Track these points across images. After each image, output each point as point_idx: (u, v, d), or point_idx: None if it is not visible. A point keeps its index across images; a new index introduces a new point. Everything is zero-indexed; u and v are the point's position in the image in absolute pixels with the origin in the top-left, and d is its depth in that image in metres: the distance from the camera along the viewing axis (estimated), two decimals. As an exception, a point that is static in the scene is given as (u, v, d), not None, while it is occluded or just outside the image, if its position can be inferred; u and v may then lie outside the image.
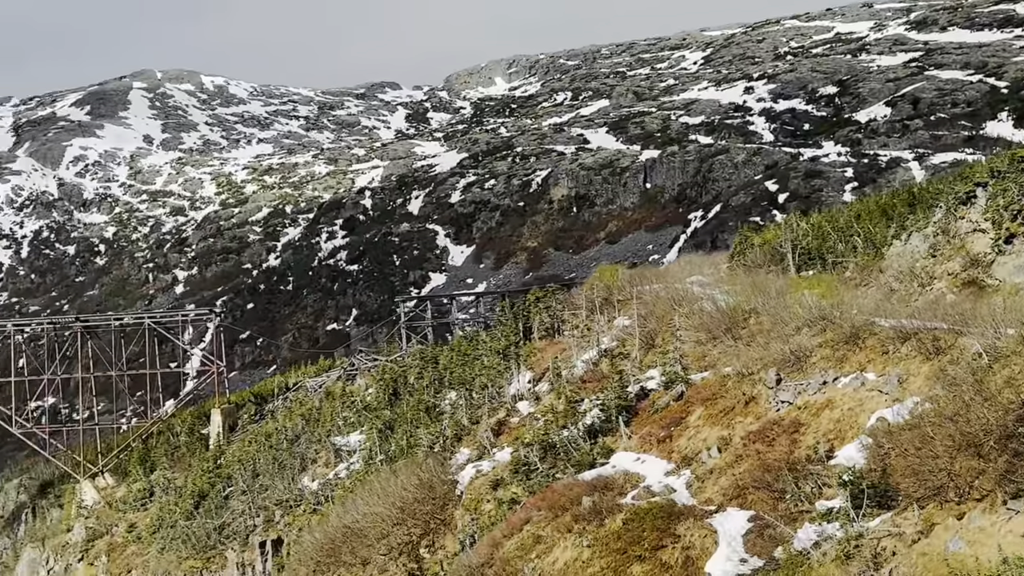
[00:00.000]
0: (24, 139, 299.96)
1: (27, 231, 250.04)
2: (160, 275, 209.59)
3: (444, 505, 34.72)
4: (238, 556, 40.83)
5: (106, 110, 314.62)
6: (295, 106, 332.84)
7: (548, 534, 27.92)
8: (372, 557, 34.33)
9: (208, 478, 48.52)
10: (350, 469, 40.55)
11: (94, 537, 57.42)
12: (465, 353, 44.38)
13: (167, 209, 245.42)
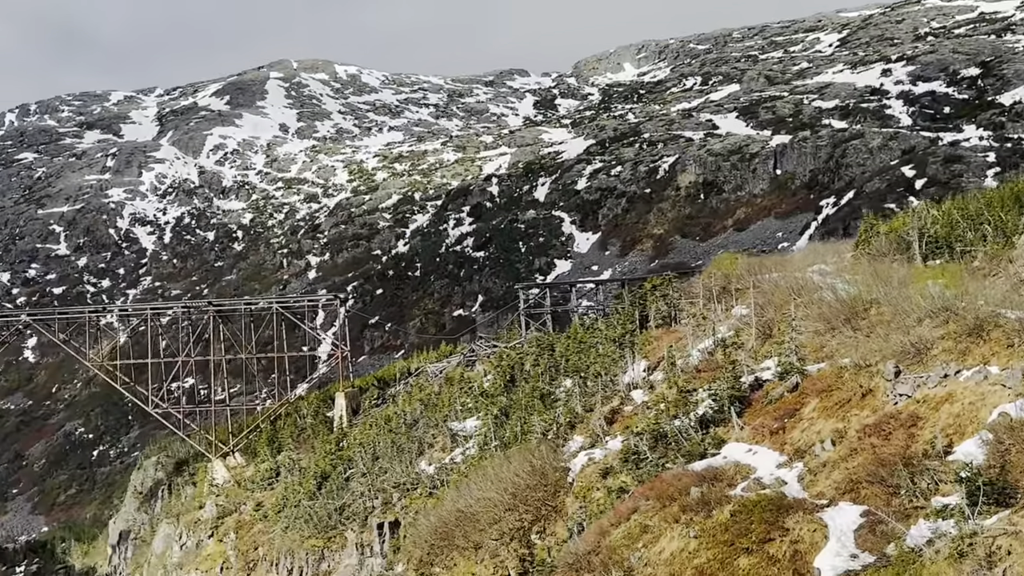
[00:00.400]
0: (167, 128, 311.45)
1: (169, 217, 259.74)
2: (294, 260, 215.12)
3: (556, 492, 34.76)
4: (357, 536, 41.70)
5: (244, 100, 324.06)
6: (425, 94, 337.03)
7: (655, 524, 27.72)
8: (484, 542, 34.63)
9: (330, 460, 49.67)
10: (465, 454, 40.97)
11: (224, 514, 59.47)
12: (581, 341, 44.33)
13: (301, 196, 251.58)
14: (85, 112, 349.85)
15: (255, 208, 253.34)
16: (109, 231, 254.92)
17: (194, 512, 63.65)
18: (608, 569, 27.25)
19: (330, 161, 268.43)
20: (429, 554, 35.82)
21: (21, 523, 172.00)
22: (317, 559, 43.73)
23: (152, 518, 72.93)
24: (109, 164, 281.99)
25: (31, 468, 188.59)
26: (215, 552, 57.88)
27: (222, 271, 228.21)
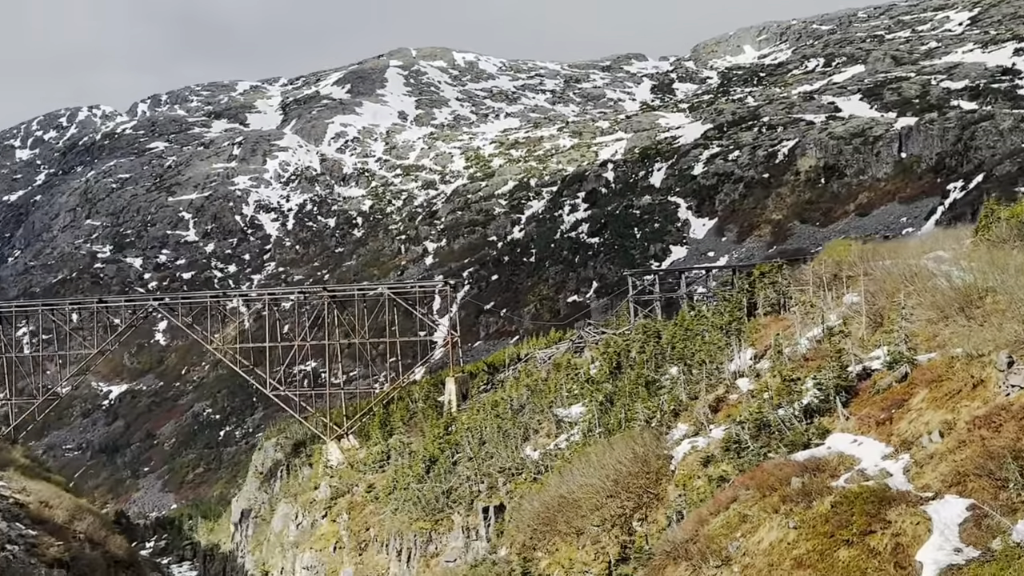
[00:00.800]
0: (291, 117, 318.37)
1: (292, 204, 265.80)
2: (411, 247, 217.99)
3: (658, 480, 34.66)
4: (463, 520, 42.23)
5: (364, 88, 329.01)
6: (542, 80, 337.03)
7: (754, 513, 27.43)
8: (586, 528, 34.74)
9: (439, 444, 50.32)
10: (570, 440, 41.09)
11: (337, 495, 60.84)
12: (688, 328, 43.95)
13: (419, 183, 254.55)
14: (213, 102, 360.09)
15: (374, 195, 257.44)
16: (235, 218, 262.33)
17: (310, 492, 65.31)
18: (705, 558, 27.10)
19: (447, 148, 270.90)
20: (532, 538, 36.08)
21: (152, 500, 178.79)
22: (425, 541, 44.44)
23: (271, 498, 75.06)
24: (235, 153, 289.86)
25: (162, 447, 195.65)
26: (328, 532, 59.35)
27: (342, 257, 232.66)
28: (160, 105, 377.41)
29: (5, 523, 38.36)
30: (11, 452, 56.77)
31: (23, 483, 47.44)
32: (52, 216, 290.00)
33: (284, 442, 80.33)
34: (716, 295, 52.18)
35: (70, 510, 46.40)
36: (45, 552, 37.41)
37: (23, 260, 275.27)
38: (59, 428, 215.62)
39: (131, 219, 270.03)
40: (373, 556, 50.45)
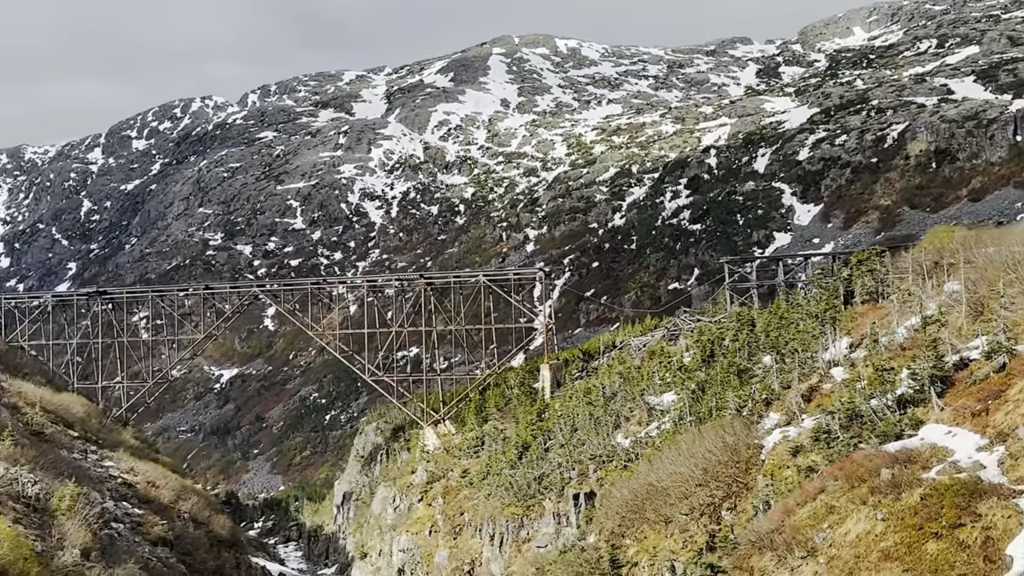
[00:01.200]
0: (395, 106, 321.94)
1: (396, 192, 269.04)
2: (513, 234, 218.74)
3: (748, 469, 34.40)
4: (554, 506, 42.51)
5: (467, 76, 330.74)
6: (645, 66, 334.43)
7: (842, 504, 27.07)
8: (674, 516, 34.68)
9: (531, 430, 50.64)
10: (660, 428, 40.98)
11: (433, 480, 61.63)
12: (782, 316, 43.41)
13: (521, 170, 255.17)
14: (320, 92, 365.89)
15: (476, 182, 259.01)
16: (341, 206, 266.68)
17: (407, 476, 66.29)
18: (791, 548, 26.86)
19: (549, 135, 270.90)
20: (620, 526, 36.16)
21: (261, 481, 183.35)
22: (517, 526, 44.82)
23: (371, 481, 76.42)
24: (341, 141, 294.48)
25: (270, 430, 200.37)
26: (424, 515, 60.19)
27: (445, 244, 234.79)
28: (269, 95, 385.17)
29: (112, 502, 39.96)
30: (122, 434, 58.93)
31: (132, 463, 49.27)
32: (166, 205, 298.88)
33: (384, 427, 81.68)
34: (811, 283, 51.31)
35: (176, 490, 48.04)
36: (150, 531, 38.86)
37: (139, 248, 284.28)
38: (173, 410, 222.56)
39: (241, 207, 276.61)
40: (467, 540, 51.10)
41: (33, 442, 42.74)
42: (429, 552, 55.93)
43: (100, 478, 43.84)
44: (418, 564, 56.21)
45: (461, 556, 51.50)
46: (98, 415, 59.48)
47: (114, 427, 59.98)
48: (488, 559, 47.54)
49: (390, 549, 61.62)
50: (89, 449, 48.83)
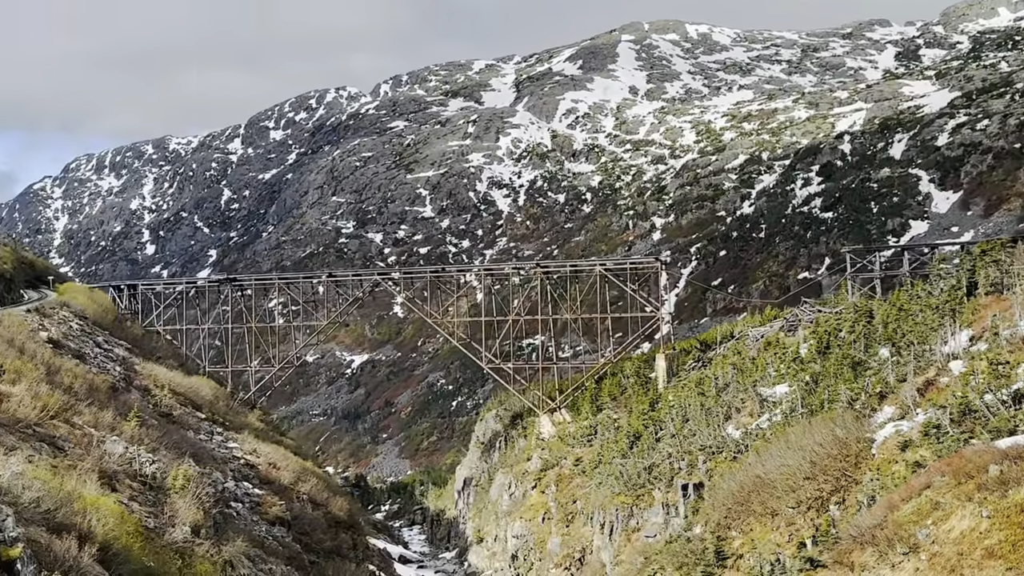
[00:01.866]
0: (523, 94, 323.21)
1: (524, 180, 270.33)
2: (639, 222, 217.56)
3: (857, 463, 33.74)
4: (663, 496, 42.39)
5: (596, 63, 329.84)
6: (777, 50, 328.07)
7: (947, 501, 26.40)
8: (780, 509, 34.30)
9: (643, 420, 50.53)
10: (771, 420, 40.44)
11: (547, 467, 62.05)
12: (901, 308, 42.31)
13: (648, 158, 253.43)
14: (450, 81, 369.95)
15: (604, 171, 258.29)
16: (469, 194, 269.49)
17: (523, 464, 66.85)
18: (892, 544, 26.34)
19: (678, 122, 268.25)
20: (726, 517, 35.94)
21: (390, 465, 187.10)
22: (626, 516, 44.84)
23: (490, 467, 77.30)
24: (470, 131, 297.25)
25: (399, 415, 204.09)
26: (538, 502, 60.68)
27: (571, 232, 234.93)
28: (401, 85, 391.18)
29: (233, 482, 41.51)
30: (248, 416, 61.04)
31: (255, 445, 51.05)
32: (301, 193, 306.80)
33: (503, 414, 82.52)
34: (933, 273, 49.76)
35: (296, 472, 49.60)
36: (268, 510, 40.22)
37: (275, 235, 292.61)
38: (307, 394, 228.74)
39: (372, 196, 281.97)
40: (579, 528, 51.40)
41: (161, 423, 44.69)
42: (542, 539, 56.43)
43: (224, 459, 45.56)
44: (531, 550, 56.80)
45: (572, 544, 51.86)
46: (226, 398, 61.80)
47: (241, 410, 62.19)
48: (598, 547, 47.75)
49: (505, 535, 62.43)
50: (215, 431, 50.77)
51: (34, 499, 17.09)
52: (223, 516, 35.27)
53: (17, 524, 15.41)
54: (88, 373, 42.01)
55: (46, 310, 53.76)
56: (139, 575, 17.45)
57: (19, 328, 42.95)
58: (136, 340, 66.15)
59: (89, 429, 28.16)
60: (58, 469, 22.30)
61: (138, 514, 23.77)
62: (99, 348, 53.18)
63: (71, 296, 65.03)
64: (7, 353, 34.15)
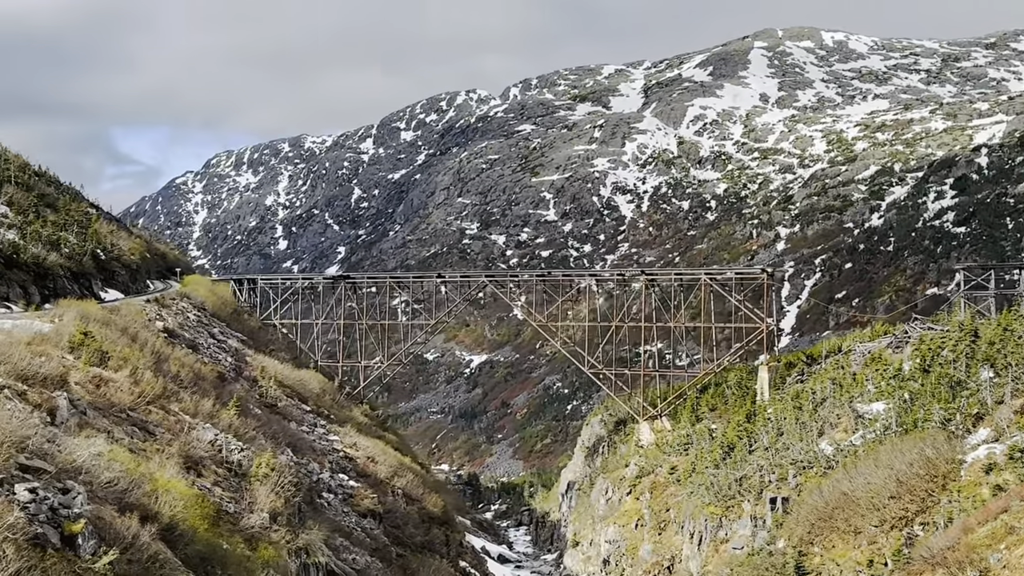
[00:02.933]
0: (651, 100, 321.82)
1: (648, 187, 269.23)
2: (763, 232, 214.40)
3: (945, 484, 33.15)
4: (752, 508, 42.12)
5: (726, 70, 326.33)
6: (916, 59, 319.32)
7: (1023, 526, 25.86)
8: (864, 527, 33.91)
9: (738, 431, 50.19)
10: (865, 437, 39.85)
11: (642, 474, 62.00)
12: (1006, 328, 41.14)
13: (776, 167, 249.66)
14: (579, 86, 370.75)
15: (729, 178, 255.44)
16: (593, 199, 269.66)
17: (621, 469, 66.94)
18: (963, 567, 25.95)
19: (808, 131, 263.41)
20: (809, 533, 35.67)
21: (504, 466, 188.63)
22: (715, 526, 44.65)
23: (593, 472, 77.56)
24: (596, 135, 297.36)
25: (514, 416, 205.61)
26: (632, 509, 60.69)
27: (694, 240, 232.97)
28: (530, 89, 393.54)
29: (329, 473, 42.86)
30: (353, 411, 62.67)
31: (356, 439, 52.48)
32: (428, 194, 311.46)
33: (608, 419, 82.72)
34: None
35: (393, 467, 50.85)
36: (359, 503, 41.43)
37: (402, 234, 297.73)
38: (425, 392, 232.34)
39: (497, 198, 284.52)
40: (670, 537, 51.31)
41: (264, 413, 46.43)
42: (634, 545, 56.47)
43: (323, 450, 47.02)
44: (623, 556, 56.87)
45: (663, 551, 51.81)
46: (333, 392, 63.61)
47: (346, 404, 63.82)
48: (687, 556, 47.66)
49: (599, 539, 62.67)
50: (318, 423, 52.35)
51: (109, 479, 18.28)
52: (312, 506, 36.58)
53: (88, 502, 16.64)
54: (197, 362, 43.91)
55: (166, 300, 56.22)
56: (203, 555, 18.50)
57: (136, 317, 45.14)
58: (252, 332, 68.57)
59: (184, 416, 29.63)
60: (145, 452, 23.69)
61: (219, 499, 25.03)
62: (213, 339, 55.42)
63: (193, 288, 67.82)
64: (118, 341, 36.00)
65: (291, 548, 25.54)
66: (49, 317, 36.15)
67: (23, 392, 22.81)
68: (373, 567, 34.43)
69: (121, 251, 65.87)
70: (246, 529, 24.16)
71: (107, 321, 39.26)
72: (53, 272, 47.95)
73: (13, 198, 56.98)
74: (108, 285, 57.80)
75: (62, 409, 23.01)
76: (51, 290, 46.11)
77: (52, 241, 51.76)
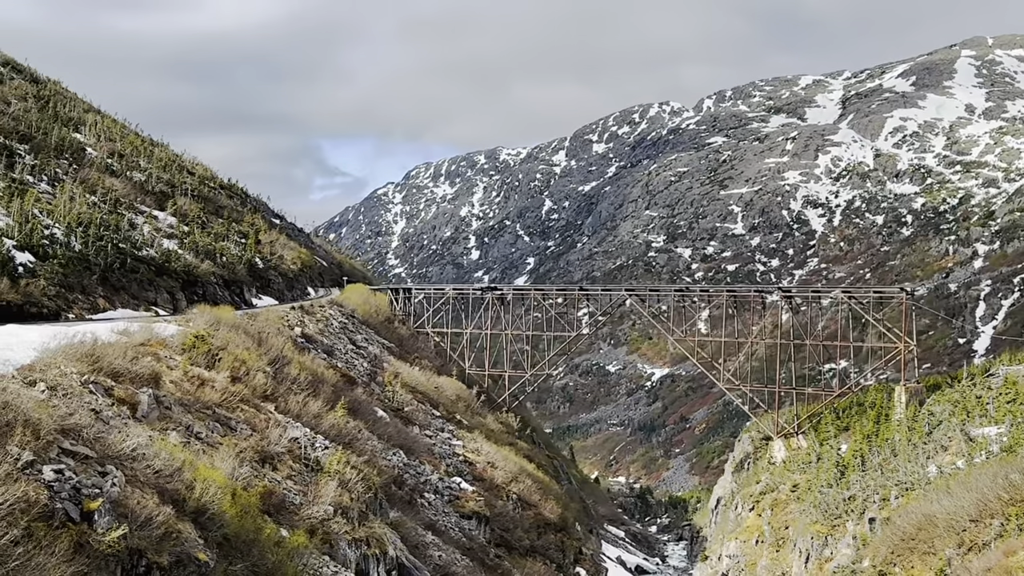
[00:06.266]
0: (848, 111, 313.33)
1: (841, 200, 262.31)
2: (960, 248, 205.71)
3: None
4: (854, 528, 41.77)
5: (930, 80, 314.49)
6: None
7: (1064, 555, 25.42)
8: (941, 549, 33.65)
9: (856, 451, 49.55)
10: (970, 461, 39.05)
11: (766, 491, 61.65)
12: None
13: (979, 180, 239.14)
14: (774, 97, 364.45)
15: (928, 192, 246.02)
16: (782, 212, 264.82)
17: (752, 486, 66.67)
18: (995, 591, 25.80)
19: (1017, 143, 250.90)
20: (892, 553, 35.54)
21: (679, 480, 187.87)
22: (821, 544, 44.38)
23: (736, 488, 77.35)
24: (788, 148, 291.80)
25: (693, 431, 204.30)
26: (753, 525, 60.40)
27: (887, 256, 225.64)
28: (724, 101, 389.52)
29: (439, 476, 45.15)
30: (485, 418, 64.98)
31: (480, 444, 54.68)
32: (617, 206, 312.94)
33: (755, 436, 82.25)
34: None
35: (512, 473, 52.75)
36: (464, 504, 43.53)
37: (588, 246, 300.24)
38: (606, 404, 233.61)
39: (684, 211, 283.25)
40: (787, 554, 51.06)
41: (391, 417, 49.23)
42: (753, 561, 56.33)
43: (442, 454, 49.39)
44: (742, 571, 56.79)
45: (776, 568, 51.66)
46: (469, 399, 66.04)
47: (481, 411, 66.19)
48: (794, 574, 47.55)
49: (724, 554, 62.65)
50: (446, 428, 54.84)
51: (154, 467, 20.86)
52: (410, 504, 38.90)
53: (126, 485, 19.25)
54: (325, 367, 47.07)
55: (313, 308, 60.02)
56: (229, 537, 20.90)
57: (273, 323, 48.75)
58: (401, 340, 71.96)
59: (277, 415, 32.41)
60: (214, 446, 26.39)
61: (286, 490, 27.53)
62: (353, 344, 58.85)
63: (347, 296, 71.79)
64: (241, 344, 39.27)
65: (350, 539, 27.76)
66: (180, 321, 39.77)
67: (110, 388, 25.86)
68: (458, 565, 36.35)
69: (282, 260, 70.55)
70: (306, 519, 26.51)
71: (239, 326, 42.71)
72: (204, 279, 52.23)
73: (182, 209, 62.20)
74: (264, 292, 62.17)
75: (143, 404, 25.94)
76: (200, 296, 50.25)
77: (208, 251, 56.31)
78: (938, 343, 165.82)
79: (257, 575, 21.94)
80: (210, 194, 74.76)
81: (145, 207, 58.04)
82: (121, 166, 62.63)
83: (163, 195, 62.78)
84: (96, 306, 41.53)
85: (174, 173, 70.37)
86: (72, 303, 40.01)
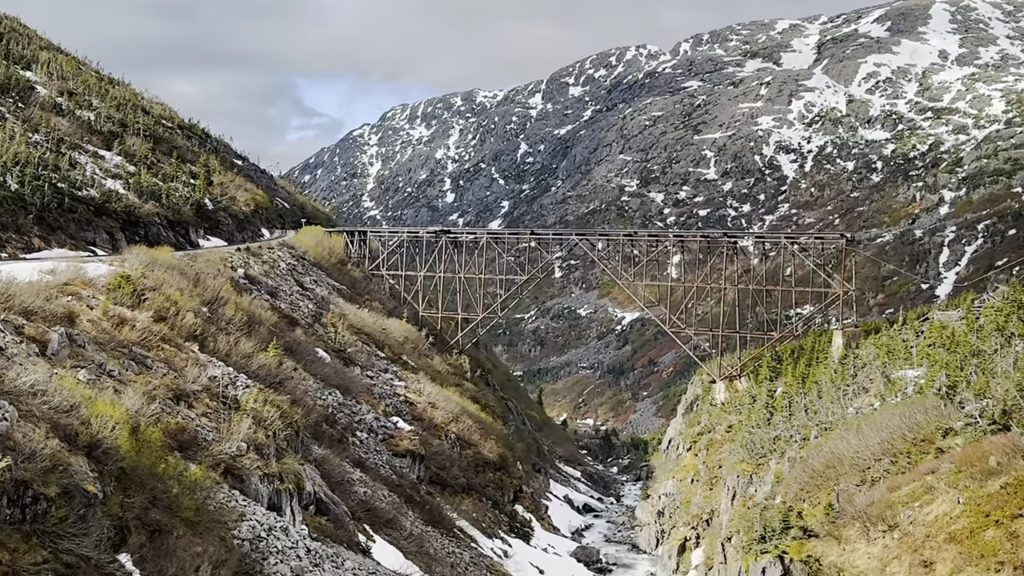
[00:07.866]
0: (823, 57, 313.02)
1: (812, 146, 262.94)
2: (927, 195, 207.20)
3: (927, 449, 33.82)
4: (776, 467, 43.07)
5: (905, 25, 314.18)
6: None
7: (940, 486, 26.64)
8: (847, 486, 34.90)
9: (786, 393, 50.82)
10: (885, 402, 40.23)
11: (703, 432, 63.20)
12: None
13: (948, 127, 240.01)
14: (750, 41, 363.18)
15: (898, 139, 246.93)
16: (755, 158, 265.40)
17: (694, 427, 68.22)
18: (875, 522, 27.10)
19: (987, 90, 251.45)
20: (803, 489, 36.81)
21: (645, 423, 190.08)
22: (746, 482, 45.76)
23: (683, 428, 79.06)
24: (762, 93, 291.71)
25: (660, 374, 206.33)
26: (690, 464, 62.01)
27: (856, 202, 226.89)
28: (701, 44, 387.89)
29: (375, 415, 46.14)
30: (432, 359, 65.93)
31: (423, 385, 55.71)
32: (591, 150, 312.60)
33: (705, 378, 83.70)
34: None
35: (453, 413, 53.85)
36: (398, 443, 44.61)
37: (562, 190, 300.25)
38: (577, 347, 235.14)
39: (658, 155, 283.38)
40: (718, 492, 52.54)
41: (331, 358, 50.02)
42: (688, 499, 57.91)
43: (382, 394, 50.40)
44: (677, 508, 58.43)
45: (707, 505, 53.19)
46: (417, 340, 66.92)
47: (429, 353, 67.16)
48: (722, 511, 49.00)
49: (662, 492, 64.24)
50: (389, 368, 55.81)
51: (50, 403, 21.50)
52: (340, 443, 39.76)
53: (20, 420, 19.96)
54: (265, 308, 47.75)
55: (259, 249, 60.54)
56: (125, 470, 21.68)
57: (215, 263, 49.34)
58: (353, 282, 72.69)
59: (198, 354, 33.11)
60: (124, 384, 27.09)
61: (198, 427, 28.30)
62: (299, 286, 59.50)
63: (300, 238, 72.24)
64: (175, 284, 39.76)
65: (263, 474, 28.63)
66: (113, 261, 40.23)
67: (20, 326, 26.49)
68: (383, 501, 37.36)
69: (234, 201, 70.81)
70: (217, 455, 27.33)
71: (175, 266, 43.22)
72: (147, 220, 52.64)
73: (130, 149, 62.29)
74: (212, 233, 62.54)
75: (53, 342, 26.56)
76: (142, 237, 50.66)
77: (153, 191, 56.59)
78: (901, 288, 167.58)
79: (157, 507, 22.85)
80: (165, 134, 74.76)
81: (91, 146, 58.23)
82: (70, 105, 62.61)
83: (112, 135, 62.87)
84: (31, 245, 42.02)
85: (127, 112, 70.25)
86: (5, 242, 40.48)
